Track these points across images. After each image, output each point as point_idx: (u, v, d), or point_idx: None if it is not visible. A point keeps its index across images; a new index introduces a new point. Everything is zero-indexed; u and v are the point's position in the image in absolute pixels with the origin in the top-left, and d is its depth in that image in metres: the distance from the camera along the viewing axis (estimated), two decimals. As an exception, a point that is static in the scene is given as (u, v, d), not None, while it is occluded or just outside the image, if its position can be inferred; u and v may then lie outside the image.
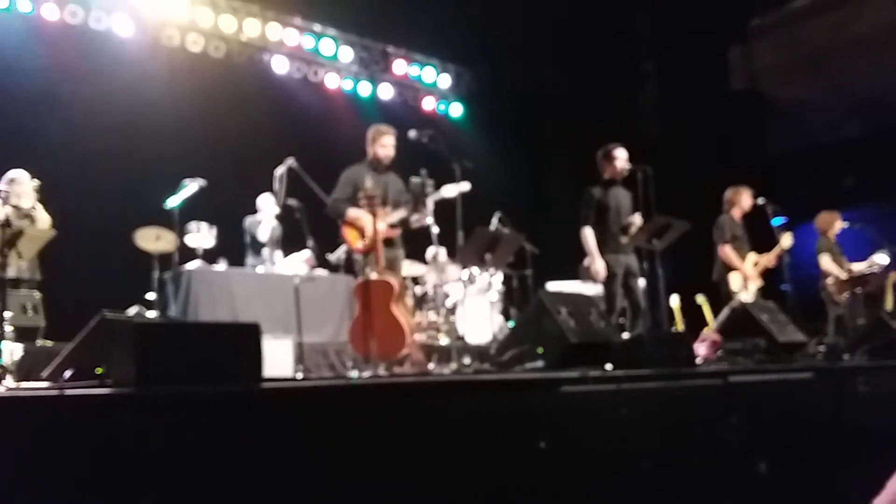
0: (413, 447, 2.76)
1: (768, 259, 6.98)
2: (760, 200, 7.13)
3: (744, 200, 7.10)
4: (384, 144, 5.77)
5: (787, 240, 6.91)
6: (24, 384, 3.83)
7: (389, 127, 5.83)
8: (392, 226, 5.70)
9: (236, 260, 7.45)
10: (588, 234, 6.06)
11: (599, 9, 9.91)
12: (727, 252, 6.90)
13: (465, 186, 5.63)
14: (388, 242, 5.67)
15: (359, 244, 5.62)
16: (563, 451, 3.11)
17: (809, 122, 10.77)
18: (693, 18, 10.03)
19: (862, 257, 7.79)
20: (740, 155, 10.44)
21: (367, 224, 5.41)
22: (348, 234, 5.69)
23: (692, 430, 3.69)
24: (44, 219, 6.34)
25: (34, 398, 2.37)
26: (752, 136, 10.96)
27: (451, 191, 5.60)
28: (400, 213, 5.68)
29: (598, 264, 5.98)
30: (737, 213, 7.09)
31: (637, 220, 6.00)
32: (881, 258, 7.62)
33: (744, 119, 10.86)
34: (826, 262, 7.77)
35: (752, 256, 7.00)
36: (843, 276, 7.68)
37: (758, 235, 7.16)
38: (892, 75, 9.68)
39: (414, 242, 6.09)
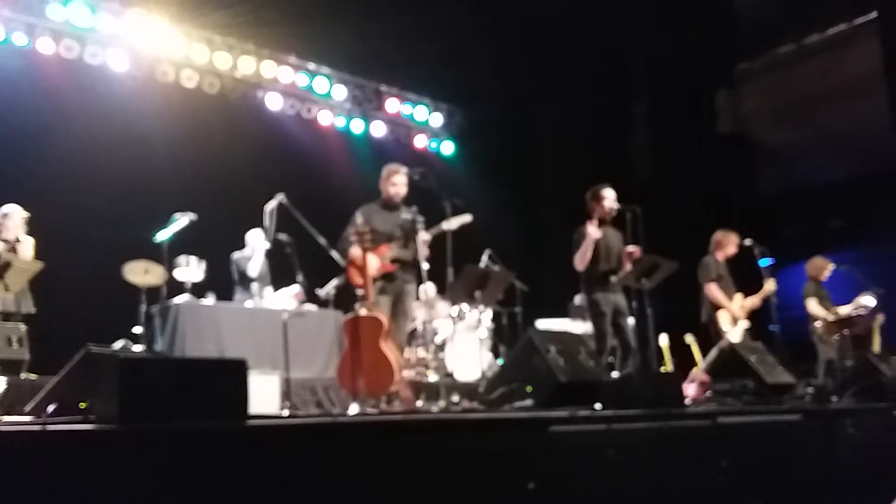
0: (400, 486, 2.73)
1: (753, 302, 7.02)
2: (748, 242, 7.17)
3: (730, 246, 7.16)
4: (394, 182, 5.85)
5: (771, 284, 6.95)
6: (7, 418, 3.77)
7: (401, 166, 5.92)
8: (393, 261, 5.71)
9: (225, 294, 7.41)
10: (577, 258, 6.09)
11: (592, 50, 10.07)
12: (713, 290, 6.92)
13: (465, 218, 5.65)
14: (389, 276, 5.68)
15: (361, 281, 5.61)
16: (551, 492, 3.08)
17: (797, 165, 10.92)
18: (683, 62, 10.21)
19: (848, 299, 7.83)
20: (729, 196, 10.55)
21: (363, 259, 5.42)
22: (352, 271, 5.69)
23: (681, 471, 3.66)
24: (27, 251, 6.32)
25: (16, 433, 2.34)
26: (741, 177, 11.09)
27: (451, 224, 5.62)
28: (394, 251, 5.70)
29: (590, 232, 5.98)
30: (721, 256, 7.15)
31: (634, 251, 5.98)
32: (867, 300, 7.66)
33: (733, 161, 11.00)
34: (813, 306, 7.83)
35: (738, 298, 7.04)
36: (831, 318, 7.72)
37: (745, 277, 7.19)
38: (877, 119, 9.84)
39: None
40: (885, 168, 9.44)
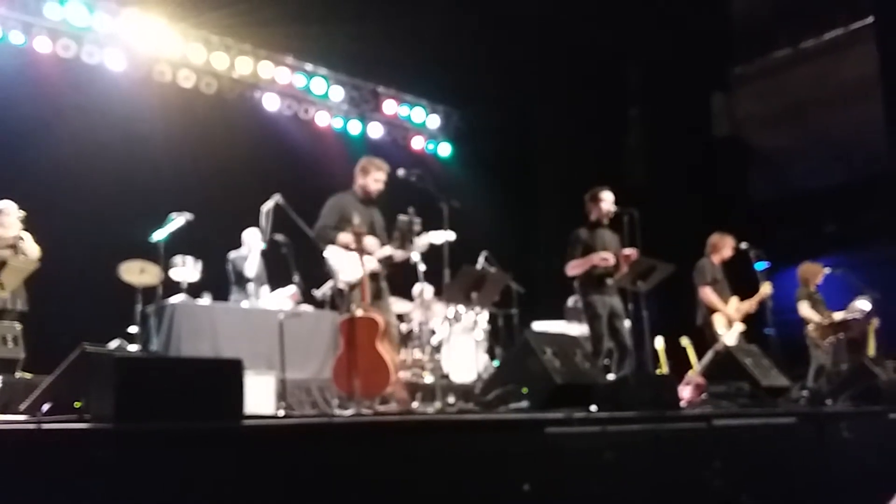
0: (396, 487, 2.73)
1: (749, 305, 7.03)
2: (743, 245, 7.19)
3: (726, 249, 7.18)
4: (377, 179, 5.71)
5: (767, 287, 6.96)
6: (2, 417, 3.76)
7: (383, 162, 5.78)
8: (378, 260, 5.69)
9: (221, 294, 7.40)
10: (572, 265, 6.09)
11: (588, 53, 10.10)
12: (708, 293, 6.93)
13: (450, 236, 5.60)
14: (372, 276, 5.66)
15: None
16: (547, 494, 3.08)
17: (792, 169, 10.96)
18: (680, 65, 10.24)
19: (843, 303, 7.85)
20: (724, 199, 10.59)
21: (356, 258, 5.39)
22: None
23: (676, 473, 3.67)
24: (32, 249, 6.31)
25: (11, 431, 2.33)
26: (737, 181, 11.13)
27: (436, 238, 5.60)
28: (388, 250, 5.68)
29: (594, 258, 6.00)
30: (717, 259, 7.16)
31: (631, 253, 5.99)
32: (862, 304, 7.68)
33: (728, 164, 11.04)
34: (805, 309, 7.84)
35: (733, 301, 7.05)
36: (824, 321, 7.74)
37: (740, 280, 7.21)
38: (872, 124, 9.88)
39: (400, 280, 6.08)
40: (880, 172, 9.49)
